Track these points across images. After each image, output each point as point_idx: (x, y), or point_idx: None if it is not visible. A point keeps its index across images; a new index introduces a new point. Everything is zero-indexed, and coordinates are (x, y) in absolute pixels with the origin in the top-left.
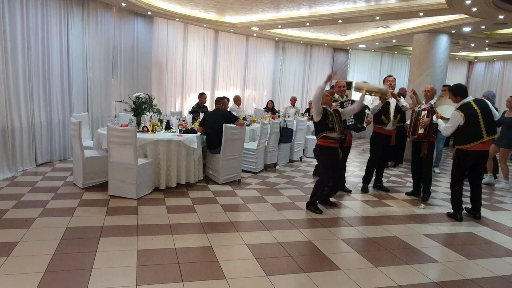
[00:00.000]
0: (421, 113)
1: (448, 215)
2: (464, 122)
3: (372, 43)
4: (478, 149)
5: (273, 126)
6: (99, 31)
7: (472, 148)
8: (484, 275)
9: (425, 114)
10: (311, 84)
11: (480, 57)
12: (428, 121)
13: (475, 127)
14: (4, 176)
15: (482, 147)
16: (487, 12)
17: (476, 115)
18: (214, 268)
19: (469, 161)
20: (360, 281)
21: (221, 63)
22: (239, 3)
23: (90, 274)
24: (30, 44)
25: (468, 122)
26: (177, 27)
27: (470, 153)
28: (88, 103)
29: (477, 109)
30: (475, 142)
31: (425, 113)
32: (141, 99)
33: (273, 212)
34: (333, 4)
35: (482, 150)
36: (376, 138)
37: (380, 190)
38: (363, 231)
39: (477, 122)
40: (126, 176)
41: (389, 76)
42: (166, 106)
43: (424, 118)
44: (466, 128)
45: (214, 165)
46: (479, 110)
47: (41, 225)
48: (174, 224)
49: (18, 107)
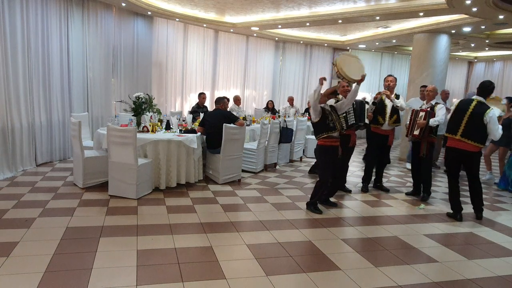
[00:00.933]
0: (419, 114)
1: (448, 215)
2: (453, 112)
3: (372, 43)
4: (451, 145)
5: (273, 126)
6: (99, 31)
7: (449, 144)
8: (484, 275)
9: (423, 115)
10: (311, 84)
11: (480, 57)
12: (424, 123)
13: (457, 120)
14: (4, 176)
15: (455, 144)
16: (487, 12)
17: (465, 112)
18: (214, 268)
19: (451, 156)
20: (360, 281)
21: (221, 63)
22: (239, 3)
23: (90, 274)
24: (30, 44)
25: (455, 113)
26: (177, 27)
27: (448, 149)
28: (88, 103)
29: (471, 109)
30: (450, 134)
31: (423, 115)
32: (141, 99)
33: (273, 212)
34: (333, 4)
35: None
36: (372, 138)
37: (380, 190)
38: (363, 231)
39: (461, 118)
40: (126, 176)
41: (389, 75)
42: (166, 106)
43: (421, 119)
44: (451, 118)
45: (214, 165)
46: (471, 110)
47: (41, 225)
48: (174, 224)
49: (18, 107)
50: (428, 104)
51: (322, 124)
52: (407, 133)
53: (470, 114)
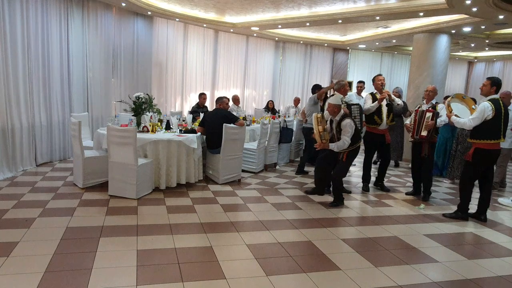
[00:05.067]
0: (425, 114)
1: (448, 216)
2: (493, 116)
3: (372, 43)
4: (498, 147)
5: (273, 126)
6: (99, 31)
7: (493, 147)
8: (484, 275)
9: (430, 116)
10: (311, 84)
11: (480, 57)
12: (433, 124)
13: (497, 125)
14: (4, 176)
15: (499, 146)
16: (487, 12)
17: (501, 113)
18: (214, 268)
19: (489, 160)
20: (360, 281)
21: (221, 63)
22: (239, 3)
23: (90, 274)
24: (30, 44)
25: (495, 118)
26: (177, 27)
27: (491, 152)
28: (88, 103)
29: (502, 109)
30: (496, 140)
31: (430, 115)
32: (141, 99)
33: (273, 212)
34: (333, 4)
35: (499, 149)
36: (370, 138)
37: (381, 190)
38: (363, 231)
39: (500, 120)
40: (126, 176)
41: (379, 75)
42: (166, 106)
43: (429, 120)
44: (491, 124)
45: (214, 165)
46: (503, 110)
47: (41, 225)
48: (174, 224)
49: (18, 107)
50: (428, 104)
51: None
52: (413, 134)
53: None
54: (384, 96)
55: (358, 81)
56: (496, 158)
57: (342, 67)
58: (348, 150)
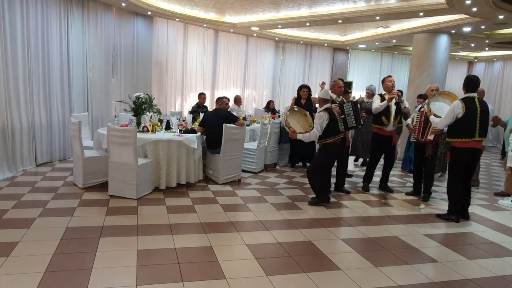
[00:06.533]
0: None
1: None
2: (463, 115)
3: (372, 43)
4: (470, 146)
5: (273, 126)
6: (99, 31)
7: (465, 145)
8: (484, 275)
9: None
10: (311, 84)
11: (480, 57)
12: (439, 131)
13: (471, 123)
14: (4, 176)
15: (474, 144)
16: (487, 12)
17: (475, 112)
18: (214, 268)
19: (465, 158)
20: (360, 281)
21: (221, 63)
22: (239, 3)
23: (90, 274)
24: (30, 44)
25: (466, 116)
26: (177, 27)
27: (464, 150)
28: (88, 103)
29: (478, 107)
30: (468, 139)
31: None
32: (141, 99)
33: (273, 212)
34: (333, 4)
35: (474, 147)
36: (377, 139)
37: (385, 190)
38: (363, 231)
39: (474, 119)
40: (126, 176)
41: (390, 76)
42: (166, 106)
43: None
44: (463, 122)
45: (214, 165)
46: (479, 108)
47: (41, 225)
48: (174, 224)
49: (18, 107)
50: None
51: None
52: (418, 136)
53: (480, 112)
54: (394, 96)
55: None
56: (475, 156)
57: (342, 67)
58: (322, 142)
